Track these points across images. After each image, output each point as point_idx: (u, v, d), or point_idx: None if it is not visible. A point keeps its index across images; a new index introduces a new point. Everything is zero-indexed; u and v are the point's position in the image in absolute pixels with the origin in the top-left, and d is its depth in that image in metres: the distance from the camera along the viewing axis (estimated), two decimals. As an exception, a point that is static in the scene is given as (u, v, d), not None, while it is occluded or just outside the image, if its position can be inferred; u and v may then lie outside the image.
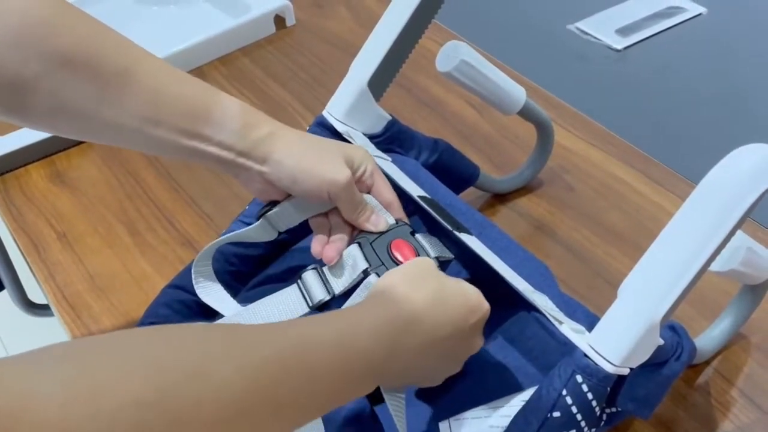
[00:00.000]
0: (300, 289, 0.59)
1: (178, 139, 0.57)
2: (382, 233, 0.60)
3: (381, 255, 0.59)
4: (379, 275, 0.56)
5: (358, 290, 0.57)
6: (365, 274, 0.57)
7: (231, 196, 0.84)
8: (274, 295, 0.59)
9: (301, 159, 0.59)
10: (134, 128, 0.56)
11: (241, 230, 0.62)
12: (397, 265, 0.58)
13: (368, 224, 0.61)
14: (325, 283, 0.59)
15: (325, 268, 0.60)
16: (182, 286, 0.64)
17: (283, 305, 0.58)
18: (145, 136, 0.57)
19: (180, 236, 0.81)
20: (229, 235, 0.62)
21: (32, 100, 0.54)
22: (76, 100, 0.55)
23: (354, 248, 0.59)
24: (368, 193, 0.62)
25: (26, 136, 0.91)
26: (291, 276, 0.68)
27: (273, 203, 0.62)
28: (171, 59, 1.01)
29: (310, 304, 0.58)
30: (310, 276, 0.59)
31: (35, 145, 0.91)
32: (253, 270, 0.67)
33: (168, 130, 0.57)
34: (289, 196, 0.61)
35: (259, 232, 0.62)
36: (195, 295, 0.63)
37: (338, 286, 0.59)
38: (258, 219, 0.62)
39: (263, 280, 0.68)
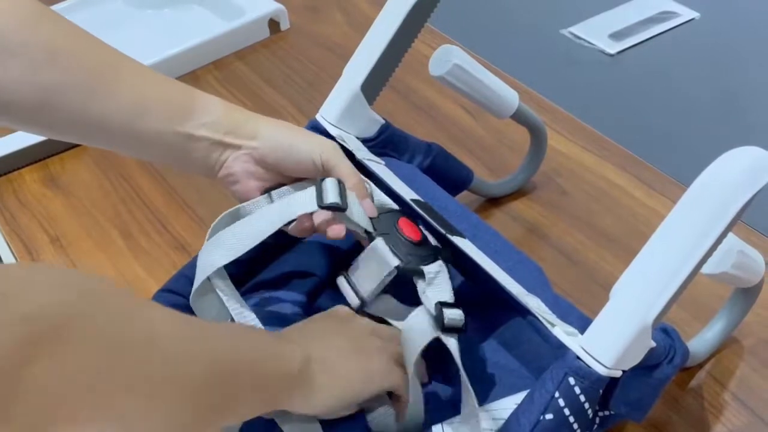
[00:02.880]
0: (317, 189, 0.59)
1: (167, 127, 0.58)
2: (389, 210, 0.62)
3: (388, 227, 0.60)
4: (385, 240, 0.58)
5: (365, 254, 0.59)
6: (369, 236, 0.59)
7: (224, 200, 0.84)
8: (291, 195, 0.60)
9: (290, 130, 0.62)
10: (123, 121, 0.57)
11: (245, 204, 0.62)
12: (404, 238, 0.59)
13: (368, 206, 0.61)
14: (341, 194, 0.59)
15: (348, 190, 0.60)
16: (175, 290, 0.64)
17: (299, 200, 0.59)
18: (133, 129, 0.57)
19: (173, 240, 0.81)
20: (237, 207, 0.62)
21: (20, 95, 0.54)
22: (64, 92, 0.55)
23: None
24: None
25: (19, 140, 0.91)
26: (284, 282, 0.68)
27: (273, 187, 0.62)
28: (165, 63, 1.01)
29: (321, 204, 0.58)
30: (329, 182, 0.59)
31: (29, 149, 0.91)
32: (243, 273, 0.66)
33: (156, 119, 0.58)
34: (280, 185, 0.62)
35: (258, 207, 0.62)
36: (188, 298, 0.63)
37: (352, 209, 0.59)
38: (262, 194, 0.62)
39: (256, 285, 0.68)
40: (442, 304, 0.54)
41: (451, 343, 0.53)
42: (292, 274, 0.69)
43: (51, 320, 0.34)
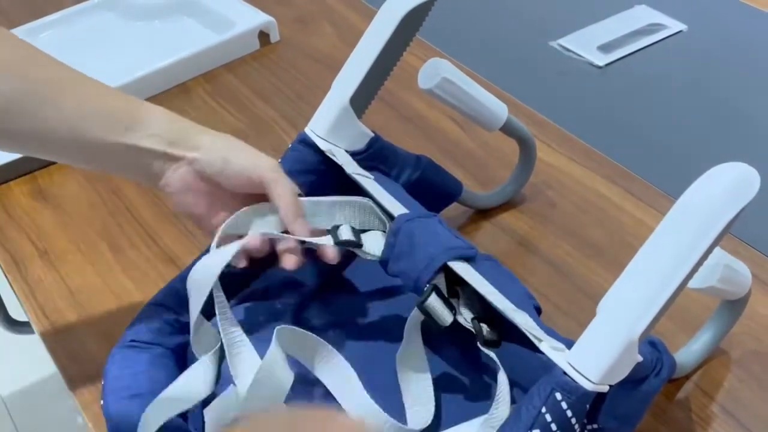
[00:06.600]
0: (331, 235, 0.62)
1: (109, 137, 0.58)
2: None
3: None
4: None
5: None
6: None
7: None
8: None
9: (231, 143, 0.62)
10: (68, 132, 0.58)
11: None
12: None
13: (300, 227, 0.61)
14: (357, 237, 0.62)
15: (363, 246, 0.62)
16: (164, 303, 0.64)
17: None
18: (78, 140, 0.58)
19: (162, 253, 0.81)
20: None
21: None
22: (16, 103, 0.56)
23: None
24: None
25: (7, 153, 0.91)
26: (273, 293, 0.68)
27: None
28: (155, 75, 1.01)
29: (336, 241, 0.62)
30: (344, 228, 0.63)
31: (17, 162, 0.91)
32: (232, 287, 0.66)
33: (100, 129, 0.58)
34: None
35: None
36: (177, 312, 0.63)
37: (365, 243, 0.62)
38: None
39: (246, 296, 0.68)
40: (478, 320, 0.56)
41: (493, 354, 0.56)
42: (282, 285, 0.69)
43: None
